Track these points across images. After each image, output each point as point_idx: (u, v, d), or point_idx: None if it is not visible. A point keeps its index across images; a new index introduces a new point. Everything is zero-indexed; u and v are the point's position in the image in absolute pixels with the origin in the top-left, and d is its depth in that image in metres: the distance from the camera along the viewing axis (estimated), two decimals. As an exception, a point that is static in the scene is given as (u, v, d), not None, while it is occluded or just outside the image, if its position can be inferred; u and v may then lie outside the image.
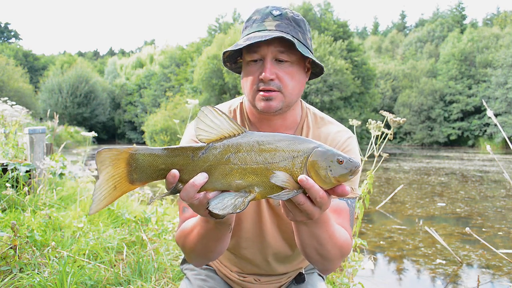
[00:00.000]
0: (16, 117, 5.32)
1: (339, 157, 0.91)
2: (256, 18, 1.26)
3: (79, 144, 28.00)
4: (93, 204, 0.93)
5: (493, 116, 2.39)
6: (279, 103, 1.24)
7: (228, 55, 1.31)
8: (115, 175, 0.93)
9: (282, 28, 1.21)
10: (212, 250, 1.19)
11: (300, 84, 1.28)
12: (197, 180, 0.90)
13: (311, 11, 37.57)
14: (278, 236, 1.38)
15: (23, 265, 2.23)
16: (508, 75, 34.31)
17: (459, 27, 50.79)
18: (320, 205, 0.93)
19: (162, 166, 0.93)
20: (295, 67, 1.24)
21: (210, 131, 0.93)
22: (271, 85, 1.21)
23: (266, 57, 1.21)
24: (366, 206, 2.81)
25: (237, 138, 0.93)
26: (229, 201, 0.90)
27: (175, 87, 43.39)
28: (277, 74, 1.22)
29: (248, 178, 0.91)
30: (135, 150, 0.93)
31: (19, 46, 63.68)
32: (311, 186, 0.89)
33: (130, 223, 3.07)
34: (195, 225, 1.18)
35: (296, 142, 0.92)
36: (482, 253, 4.88)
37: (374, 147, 3.00)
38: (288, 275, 1.50)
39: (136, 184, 0.95)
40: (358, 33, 75.45)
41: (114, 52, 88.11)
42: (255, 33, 1.21)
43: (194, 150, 0.93)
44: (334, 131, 1.36)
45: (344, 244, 1.16)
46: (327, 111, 31.67)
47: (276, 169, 0.91)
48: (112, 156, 0.92)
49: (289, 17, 1.24)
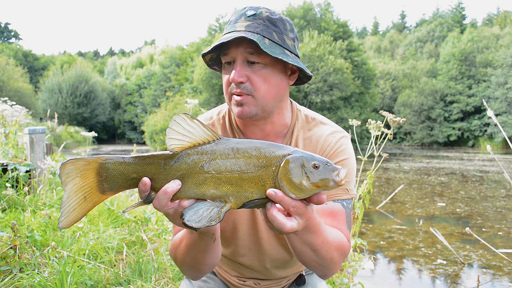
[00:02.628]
0: (16, 117, 5.32)
1: (314, 162, 0.86)
2: (231, 20, 1.22)
3: (79, 144, 28.01)
4: (62, 217, 0.89)
5: (493, 116, 2.39)
6: (252, 108, 1.18)
7: (211, 58, 1.27)
8: (84, 186, 0.90)
9: (252, 29, 1.14)
10: (202, 262, 1.17)
11: (276, 87, 1.20)
12: (169, 187, 0.87)
13: (311, 11, 37.57)
14: (275, 243, 1.36)
15: (23, 265, 2.23)
16: (508, 75, 34.31)
17: (459, 27, 50.82)
18: (296, 215, 0.89)
19: (134, 175, 0.90)
20: (268, 69, 1.17)
21: (183, 139, 0.90)
22: (241, 88, 1.16)
23: (236, 58, 1.16)
24: (366, 206, 2.81)
25: (211, 145, 0.90)
26: (204, 212, 0.86)
27: (175, 87, 43.38)
28: (248, 77, 1.16)
29: (222, 187, 0.88)
30: (105, 160, 0.90)
31: (19, 46, 63.70)
32: (280, 198, 0.85)
33: (130, 223, 3.07)
34: (182, 237, 1.16)
35: (269, 150, 0.89)
36: (482, 253, 4.88)
37: (374, 147, 3.00)
38: (288, 278, 1.49)
39: (108, 193, 0.92)
40: (358, 33, 75.48)
41: (114, 52, 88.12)
42: (225, 35, 1.17)
43: (166, 158, 0.90)
44: (327, 132, 1.31)
45: (340, 247, 1.14)
46: (327, 111, 31.67)
47: (250, 178, 0.87)
48: (79, 167, 0.89)
49: (264, 17, 1.17)
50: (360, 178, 2.93)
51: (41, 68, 60.83)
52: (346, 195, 1.26)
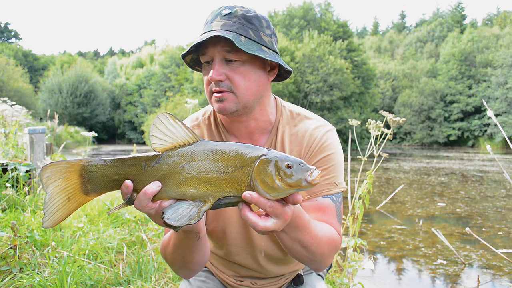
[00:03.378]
0: (16, 117, 5.32)
1: (288, 162, 0.88)
2: (208, 20, 1.23)
3: (79, 144, 28.01)
4: (46, 217, 0.91)
5: (493, 116, 2.39)
6: (233, 104, 1.20)
7: (191, 59, 1.29)
8: (68, 187, 0.92)
9: (227, 27, 1.16)
10: (190, 261, 1.18)
11: (257, 83, 1.22)
12: (149, 188, 0.89)
13: (311, 11, 37.57)
14: (267, 239, 1.37)
15: (23, 265, 2.23)
16: (508, 75, 34.32)
17: (459, 27, 50.83)
18: (273, 215, 0.90)
19: (116, 176, 0.92)
20: (247, 66, 1.19)
21: (165, 139, 0.92)
22: (220, 86, 1.18)
23: (214, 57, 1.18)
24: (366, 206, 2.81)
25: (191, 147, 0.92)
26: (184, 211, 0.88)
27: (175, 87, 43.39)
28: (227, 75, 1.18)
29: (202, 187, 0.90)
30: (87, 162, 0.92)
31: (19, 46, 63.70)
32: (256, 200, 0.87)
33: (130, 223, 3.08)
34: (170, 237, 1.17)
35: (245, 151, 0.91)
36: (482, 253, 4.88)
37: (374, 147, 3.00)
38: (285, 276, 1.49)
39: (91, 195, 0.94)
40: (358, 33, 75.48)
41: (114, 52, 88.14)
42: (203, 35, 1.19)
43: (147, 159, 0.92)
44: (312, 127, 1.32)
45: (331, 242, 1.15)
46: (327, 111, 31.67)
47: (227, 178, 0.90)
48: (61, 169, 0.91)
49: (239, 15, 1.19)
50: (360, 178, 2.93)
51: (41, 68, 60.85)
52: (335, 189, 1.26)
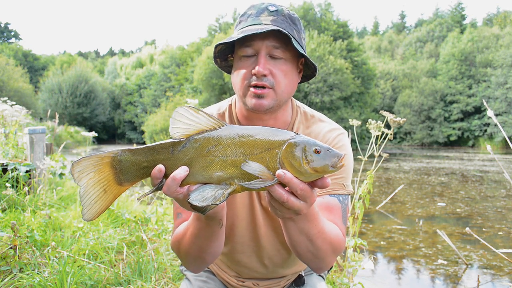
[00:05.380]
0: (16, 117, 5.32)
1: (316, 147, 0.88)
2: (252, 13, 1.22)
3: (79, 144, 28.00)
4: (85, 209, 0.94)
5: (493, 116, 2.38)
6: (271, 101, 1.20)
7: (219, 50, 1.26)
8: (102, 179, 0.94)
9: (278, 24, 1.17)
10: (207, 251, 1.17)
11: (292, 83, 1.24)
12: (177, 174, 0.89)
13: (311, 11, 37.56)
14: (273, 239, 1.36)
15: (23, 265, 2.23)
16: (508, 75, 34.31)
17: (459, 27, 50.81)
18: (303, 198, 0.90)
19: (145, 164, 0.94)
20: (288, 65, 1.20)
21: (188, 128, 0.93)
22: (263, 81, 1.17)
23: (260, 51, 1.17)
24: (366, 206, 2.81)
25: (217, 131, 0.93)
26: (209, 193, 0.89)
27: (175, 87, 43.39)
28: (271, 70, 1.17)
29: (228, 170, 0.91)
30: (116, 153, 0.94)
31: (19, 46, 63.66)
32: (289, 180, 0.86)
33: (130, 223, 3.07)
34: (187, 227, 1.17)
35: (273, 134, 0.91)
36: (483, 253, 4.88)
37: (374, 147, 3.00)
38: (287, 278, 1.48)
39: (125, 184, 0.96)
40: (358, 33, 75.46)
41: (114, 52, 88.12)
42: (249, 27, 1.18)
43: (173, 144, 0.93)
44: (326, 129, 1.33)
45: (335, 240, 1.14)
46: (327, 111, 31.66)
47: (254, 160, 0.90)
48: (92, 163, 0.93)
49: (285, 14, 1.20)
50: (360, 178, 2.92)
51: (41, 68, 60.82)
52: (343, 190, 1.27)
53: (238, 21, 1.27)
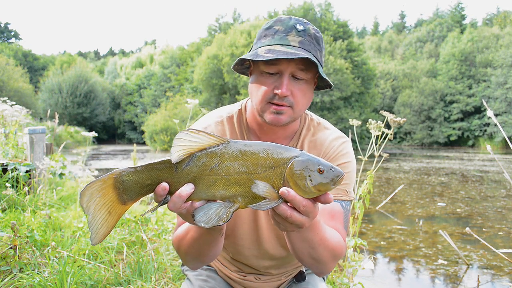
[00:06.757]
0: (16, 117, 5.32)
1: (319, 167, 0.90)
2: (279, 29, 1.23)
3: (79, 144, 28.01)
4: (92, 235, 0.94)
5: (493, 116, 2.39)
6: (288, 118, 1.24)
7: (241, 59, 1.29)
8: (106, 202, 0.94)
9: (305, 46, 1.20)
10: (206, 254, 1.20)
11: (309, 100, 1.29)
12: (183, 191, 0.91)
13: (311, 11, 37.57)
14: (275, 242, 1.38)
15: (23, 265, 2.23)
16: (508, 75, 34.31)
17: (459, 27, 50.81)
18: (306, 213, 0.93)
19: (148, 181, 0.94)
20: (308, 85, 1.25)
21: (191, 146, 0.92)
22: (284, 101, 1.21)
23: (285, 72, 1.20)
24: (366, 206, 2.81)
25: (220, 148, 0.92)
26: (214, 212, 0.91)
27: (175, 87, 43.41)
28: (292, 91, 1.21)
29: (231, 188, 0.92)
30: (119, 174, 0.94)
31: (19, 46, 63.65)
32: (292, 198, 0.89)
33: (130, 223, 3.07)
34: (188, 230, 1.19)
35: (277, 152, 0.92)
36: (483, 253, 4.88)
37: (374, 147, 3.00)
38: (288, 272, 1.51)
39: (129, 203, 0.97)
40: (358, 33, 75.45)
41: (114, 52, 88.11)
42: (277, 46, 1.19)
43: (177, 162, 0.93)
44: (331, 137, 1.37)
45: (337, 247, 1.16)
46: (327, 111, 31.68)
47: (258, 179, 0.91)
48: (97, 188, 0.94)
49: (311, 34, 1.23)
50: (360, 178, 2.92)
51: (41, 68, 60.78)
52: (346, 196, 1.30)
53: (262, 33, 1.27)
